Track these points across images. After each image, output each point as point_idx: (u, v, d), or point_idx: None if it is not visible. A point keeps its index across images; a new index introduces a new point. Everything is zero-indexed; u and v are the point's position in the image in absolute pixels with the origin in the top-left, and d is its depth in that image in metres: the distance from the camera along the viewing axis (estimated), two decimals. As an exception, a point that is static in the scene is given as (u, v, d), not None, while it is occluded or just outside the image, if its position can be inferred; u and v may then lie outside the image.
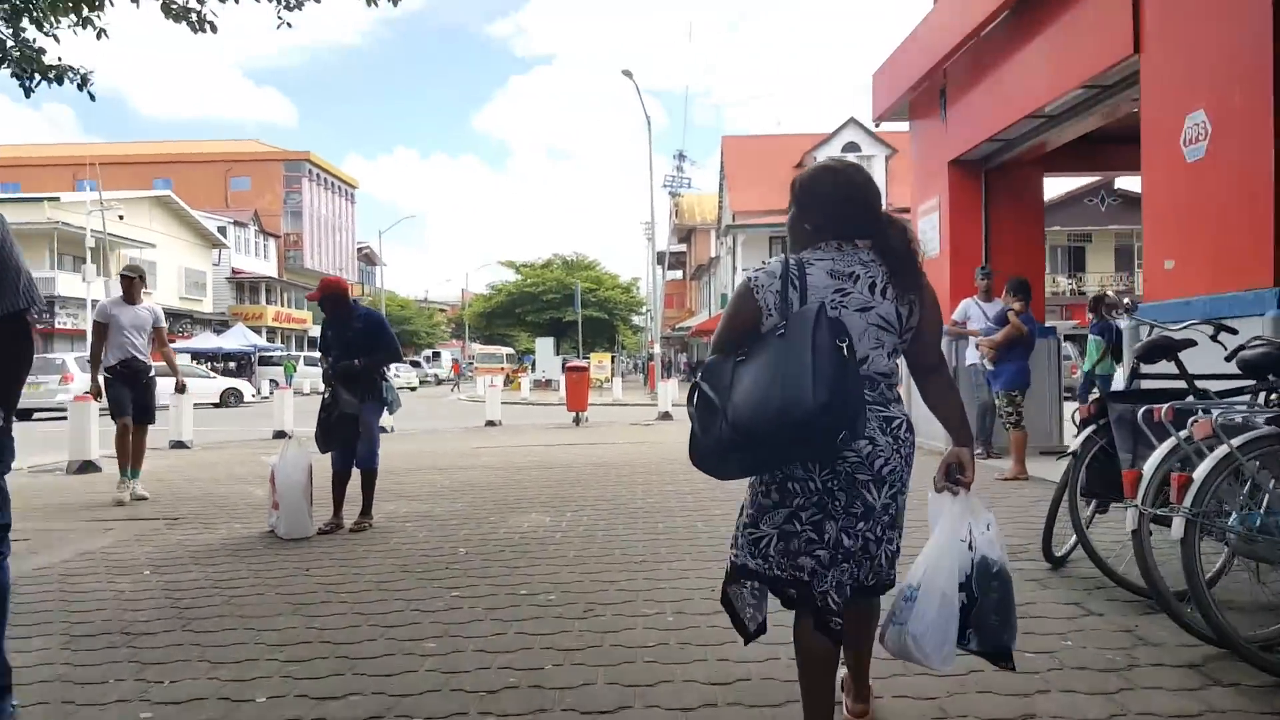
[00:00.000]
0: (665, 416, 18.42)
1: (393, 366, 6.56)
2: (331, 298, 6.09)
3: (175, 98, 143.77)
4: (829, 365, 1.90)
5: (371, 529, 6.05)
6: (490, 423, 17.06)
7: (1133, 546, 3.29)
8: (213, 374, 30.41)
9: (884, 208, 2.28)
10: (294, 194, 62.88)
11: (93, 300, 31.25)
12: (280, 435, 13.37)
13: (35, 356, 2.53)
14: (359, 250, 72.96)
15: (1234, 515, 3.09)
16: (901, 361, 2.29)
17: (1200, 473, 3.02)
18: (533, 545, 5.43)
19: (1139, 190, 7.38)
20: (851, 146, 37.03)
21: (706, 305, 51.11)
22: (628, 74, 27.23)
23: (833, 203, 2.19)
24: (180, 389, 9.71)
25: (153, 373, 7.60)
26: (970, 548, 2.16)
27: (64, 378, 20.81)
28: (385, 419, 7.46)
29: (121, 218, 32.74)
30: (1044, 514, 4.53)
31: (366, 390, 6.09)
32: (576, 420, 16.94)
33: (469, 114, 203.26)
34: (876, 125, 11.00)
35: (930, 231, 10.05)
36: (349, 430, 6.07)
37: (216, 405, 26.78)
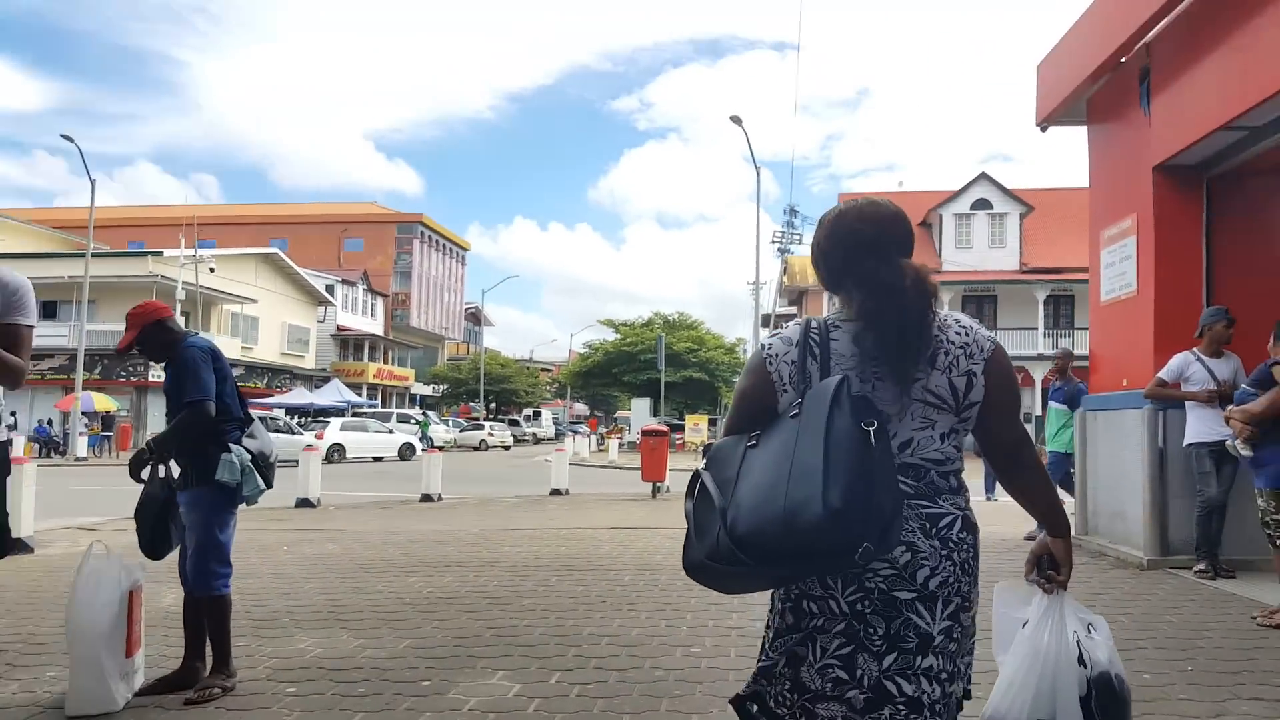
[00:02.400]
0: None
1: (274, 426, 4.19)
2: (141, 336, 3.93)
3: (311, 169, 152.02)
4: (847, 457, 1.50)
5: (230, 693, 3.76)
6: (555, 491, 14.87)
7: None
8: (300, 429, 29.45)
9: (908, 251, 1.81)
10: (405, 254, 63.84)
11: (185, 353, 31.07)
12: (426, 499, 13.74)
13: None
14: (466, 310, 73.34)
15: None
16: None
17: None
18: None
19: None
20: (982, 204, 34.01)
21: (815, 368, 48.00)
22: (736, 120, 25.25)
23: (836, 248, 1.83)
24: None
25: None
26: (1082, 662, 1.78)
27: None
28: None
29: (212, 270, 32.69)
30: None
31: (191, 466, 3.86)
32: (654, 492, 14.48)
33: (586, 186, 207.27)
34: (1043, 129, 8.34)
35: (1121, 264, 7.24)
36: (161, 528, 3.83)
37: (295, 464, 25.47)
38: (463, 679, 3.99)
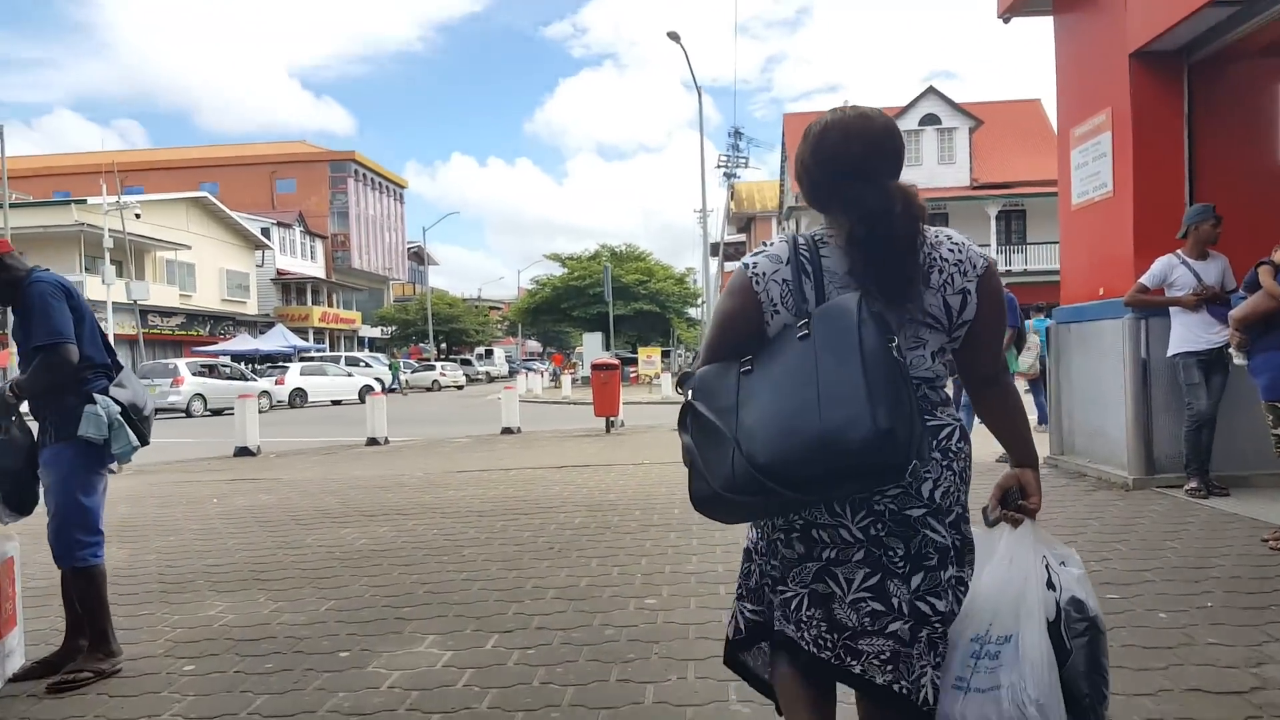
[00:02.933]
0: (717, 420, 15.37)
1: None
2: None
3: (238, 112, 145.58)
4: (885, 374, 1.48)
5: (112, 675, 3.22)
6: (506, 430, 14.39)
7: None
8: (252, 376, 28.59)
9: (897, 170, 1.71)
10: (340, 194, 61.68)
11: (113, 303, 29.59)
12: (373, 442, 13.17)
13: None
14: (409, 250, 71.53)
15: None
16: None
17: None
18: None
19: None
20: (930, 119, 33.48)
21: (768, 295, 47.77)
22: (674, 37, 24.19)
23: (820, 167, 1.73)
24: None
25: None
26: (1051, 586, 1.75)
27: (175, 380, 23.14)
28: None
29: (138, 216, 30.99)
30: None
31: (48, 420, 3.27)
32: (608, 427, 14.05)
33: (522, 118, 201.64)
34: (1006, 20, 7.72)
35: (1094, 163, 6.75)
36: (27, 477, 3.24)
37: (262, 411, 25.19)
38: (386, 647, 3.48)
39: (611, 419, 14.18)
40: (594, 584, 4.24)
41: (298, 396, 27.97)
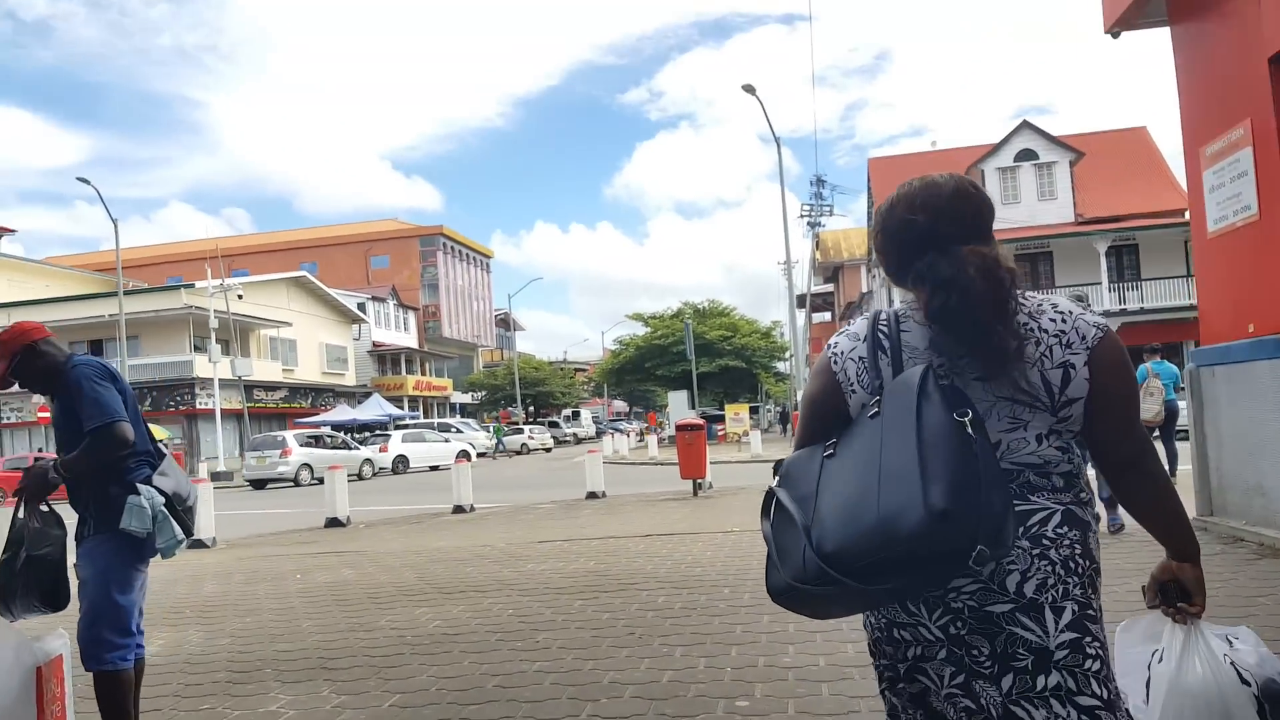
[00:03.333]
0: (810, 478, 14.74)
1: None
2: (15, 365, 3.12)
3: (333, 194, 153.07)
4: (944, 450, 1.37)
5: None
6: (591, 495, 14.06)
7: None
8: (355, 444, 29.88)
9: (975, 233, 1.61)
10: (430, 267, 63.75)
11: (219, 379, 30.81)
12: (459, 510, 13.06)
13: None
14: (496, 317, 73.06)
15: None
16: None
17: None
18: None
19: None
20: (1027, 154, 32.41)
21: (857, 346, 46.59)
22: (750, 90, 24.17)
23: (890, 242, 1.67)
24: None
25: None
26: (1245, 681, 1.59)
27: (283, 451, 24.79)
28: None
29: (240, 297, 32.42)
30: None
31: (89, 510, 3.06)
32: (695, 490, 13.58)
33: (601, 183, 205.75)
34: (1115, 35, 7.19)
35: (1233, 184, 6.08)
36: (52, 585, 3.03)
37: (356, 477, 26.60)
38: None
39: (699, 481, 13.73)
40: (677, 679, 3.80)
41: (400, 463, 28.87)
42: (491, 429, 40.28)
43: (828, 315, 63.81)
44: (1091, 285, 30.08)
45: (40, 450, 33.58)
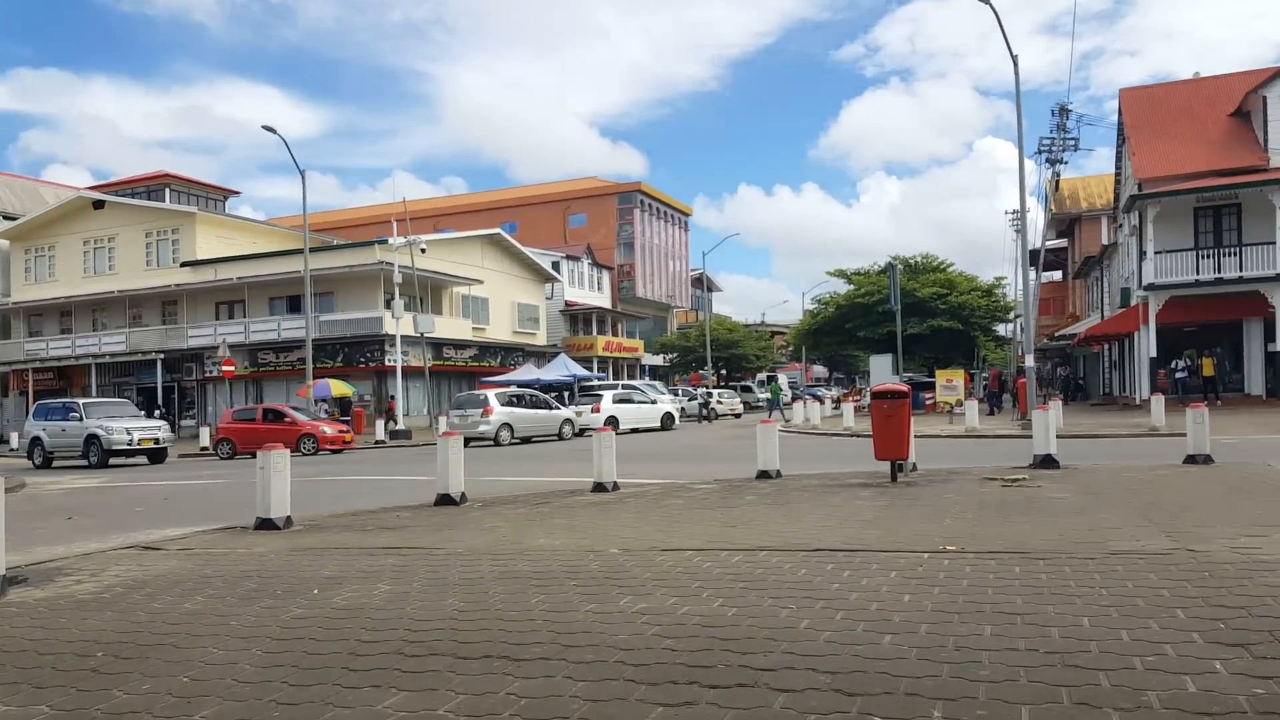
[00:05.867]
0: (1048, 462, 11.37)
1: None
2: None
3: (543, 163, 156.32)
4: None
5: None
6: (763, 474, 11.50)
7: None
8: (557, 404, 29.53)
9: None
10: (626, 225, 62.49)
11: (401, 336, 30.67)
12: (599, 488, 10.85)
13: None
14: (692, 277, 71.05)
15: None
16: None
17: None
18: None
19: None
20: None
21: (1097, 306, 40.49)
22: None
23: None
24: None
25: None
26: None
27: (485, 410, 24.62)
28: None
29: (423, 250, 31.96)
30: None
31: None
32: (893, 474, 10.64)
33: (807, 145, 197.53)
34: None
35: None
36: None
37: (556, 437, 26.42)
38: None
39: (899, 462, 10.76)
40: None
41: (611, 424, 27.72)
42: (770, 388, 38.34)
43: (1058, 274, 56.66)
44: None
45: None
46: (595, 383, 41.13)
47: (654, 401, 31.83)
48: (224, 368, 29.38)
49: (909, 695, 3.17)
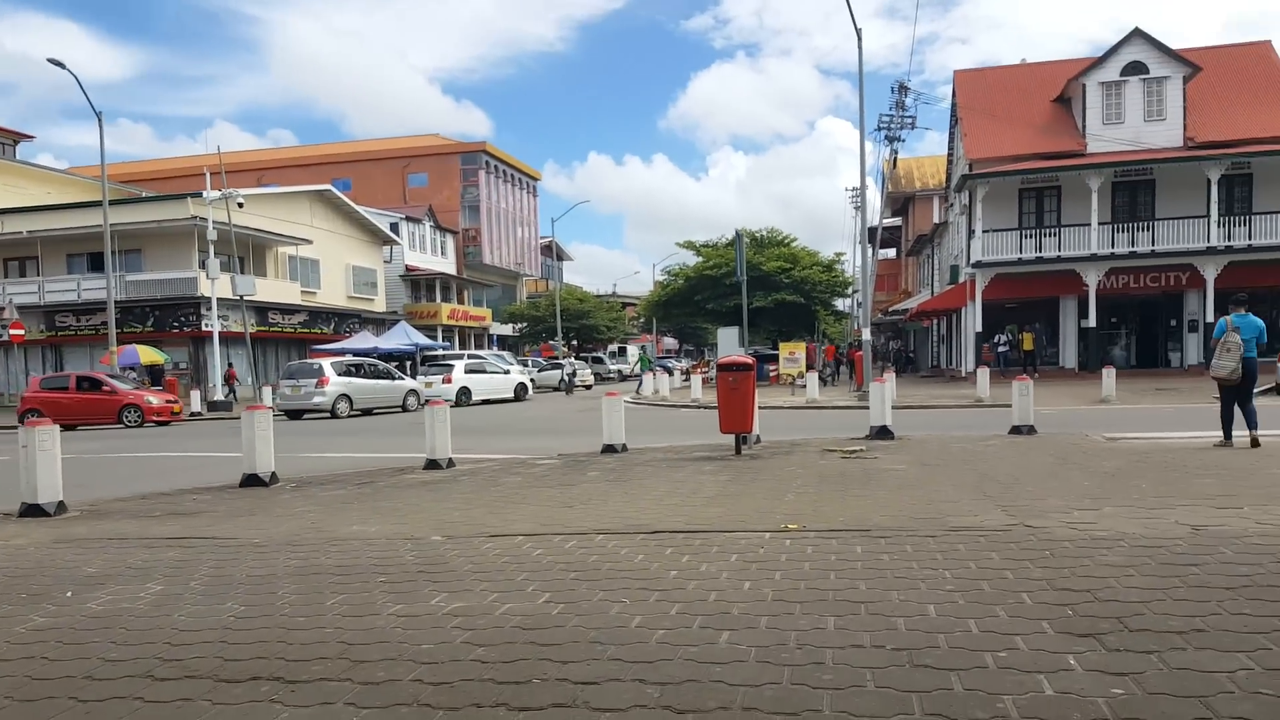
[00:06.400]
0: (883, 433, 11.53)
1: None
2: None
3: (381, 118, 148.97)
4: None
5: None
6: (608, 448, 11.12)
7: None
8: (399, 374, 27.78)
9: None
10: (471, 188, 60.40)
11: (219, 298, 28.30)
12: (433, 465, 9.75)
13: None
14: (542, 244, 69.86)
15: None
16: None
17: None
18: None
19: None
20: (1135, 68, 27.81)
21: (928, 283, 42.61)
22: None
23: None
24: None
25: None
26: None
27: (320, 380, 23.01)
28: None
29: (241, 205, 29.44)
30: None
31: None
32: (738, 446, 10.48)
33: (656, 116, 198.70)
34: None
35: None
36: None
37: (400, 409, 25.08)
38: None
39: (744, 435, 10.61)
40: None
41: (462, 395, 27.31)
42: (641, 358, 38.92)
43: (893, 252, 59.27)
44: (1198, 218, 25.87)
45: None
46: (440, 352, 39.72)
47: (506, 371, 31.13)
48: (12, 331, 26.16)
49: (746, 711, 2.76)
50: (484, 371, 29.72)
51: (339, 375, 23.69)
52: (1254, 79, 29.47)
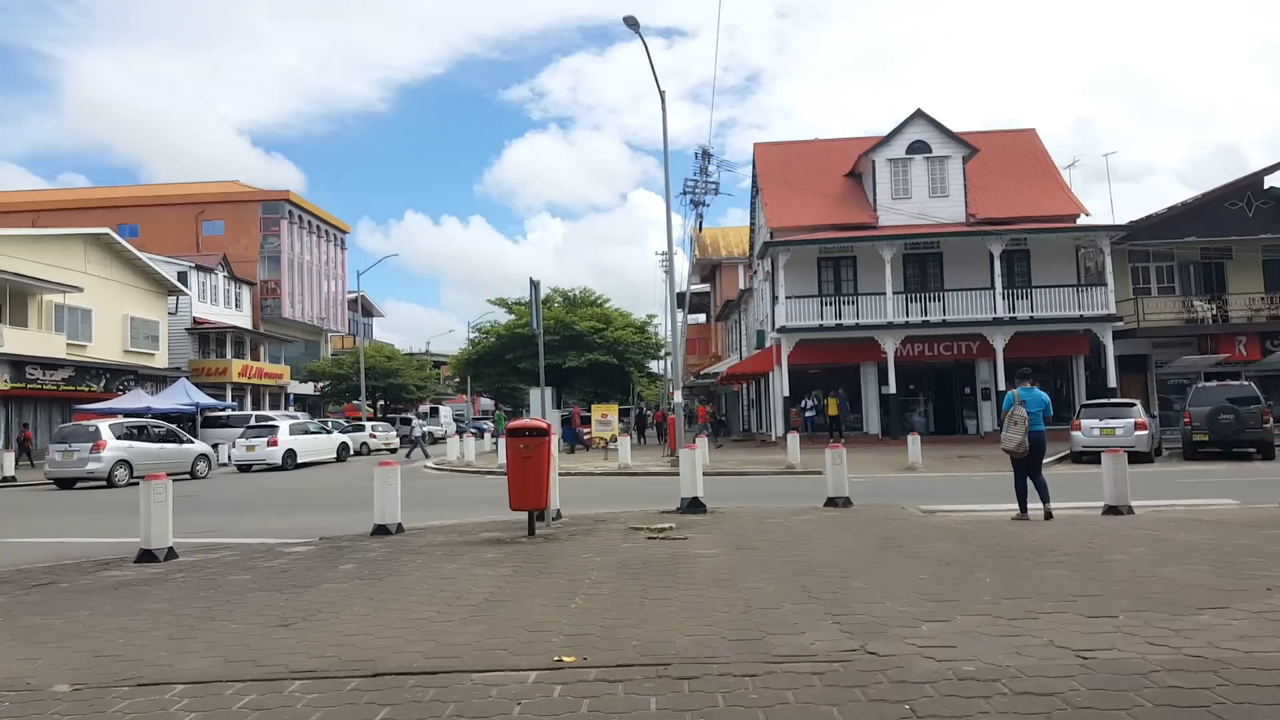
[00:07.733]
0: (695, 506, 10.53)
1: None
2: None
3: (186, 168, 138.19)
4: None
5: None
6: (380, 530, 9.47)
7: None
8: (189, 437, 24.93)
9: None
10: (272, 237, 56.24)
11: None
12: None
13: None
14: (349, 300, 66.08)
15: None
16: None
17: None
18: None
19: None
20: (919, 146, 29.46)
21: (736, 348, 43.25)
22: (631, 23, 19.85)
23: None
24: None
25: None
26: None
27: (96, 445, 20.63)
28: None
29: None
30: None
31: None
32: (531, 525, 9.12)
33: (473, 180, 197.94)
34: None
35: None
36: None
37: (189, 476, 22.52)
38: None
39: (537, 512, 9.27)
40: None
41: (289, 458, 25.82)
42: (495, 419, 38.20)
43: (703, 317, 60.33)
44: (984, 290, 27.44)
45: None
46: (224, 413, 35.95)
47: (330, 432, 30.66)
48: None
49: None
50: (308, 432, 28.82)
51: (117, 439, 21.16)
52: (1024, 163, 32.01)
